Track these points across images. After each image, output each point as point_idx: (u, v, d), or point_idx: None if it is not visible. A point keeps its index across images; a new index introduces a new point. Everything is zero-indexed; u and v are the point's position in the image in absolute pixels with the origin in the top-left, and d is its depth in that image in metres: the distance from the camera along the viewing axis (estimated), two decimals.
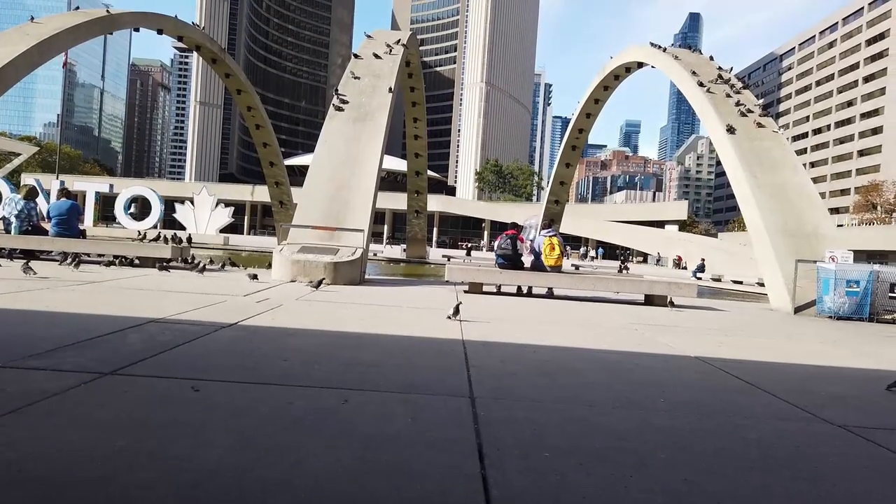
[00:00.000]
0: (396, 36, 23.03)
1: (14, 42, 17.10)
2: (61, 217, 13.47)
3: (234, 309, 7.56)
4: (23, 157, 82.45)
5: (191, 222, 48.54)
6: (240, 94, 32.33)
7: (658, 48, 22.52)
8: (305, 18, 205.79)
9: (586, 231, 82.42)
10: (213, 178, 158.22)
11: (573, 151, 33.79)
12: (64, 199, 13.93)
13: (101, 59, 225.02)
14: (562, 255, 12.76)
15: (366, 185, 15.34)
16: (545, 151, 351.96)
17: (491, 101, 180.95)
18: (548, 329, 7.84)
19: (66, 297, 7.62)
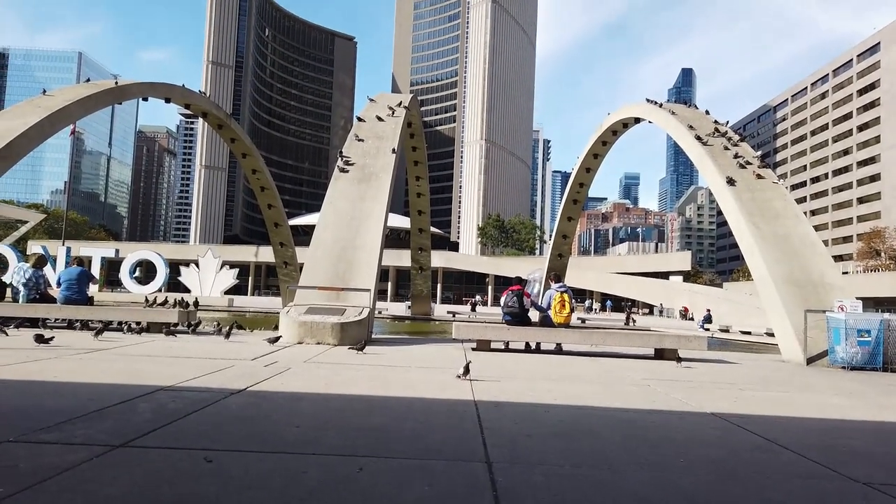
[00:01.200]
0: (398, 98, 23.61)
1: (26, 114, 17.56)
2: (71, 282, 13.59)
3: (243, 374, 7.51)
4: (29, 225, 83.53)
5: (196, 285, 48.63)
6: (245, 158, 32.88)
7: (654, 104, 23.00)
8: (308, 83, 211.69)
9: (590, 283, 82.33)
10: (217, 240, 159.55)
11: (574, 205, 34.09)
12: (75, 266, 14.07)
13: (109, 126, 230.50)
14: (572, 312, 12.72)
15: (371, 244, 15.46)
16: (546, 205, 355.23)
17: (491, 157, 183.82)
18: (559, 387, 7.74)
19: (74, 367, 7.58)
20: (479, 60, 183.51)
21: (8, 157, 16.03)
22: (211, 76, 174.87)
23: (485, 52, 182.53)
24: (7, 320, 12.10)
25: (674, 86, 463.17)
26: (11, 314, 13.06)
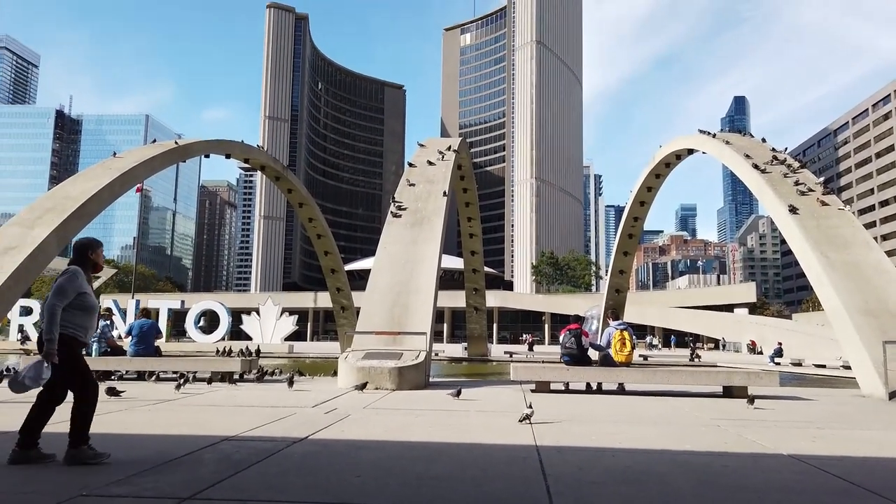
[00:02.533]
0: (447, 142, 23.99)
1: (98, 177, 18.62)
2: (140, 336, 14.17)
3: (304, 422, 7.57)
4: (101, 280, 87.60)
5: (257, 332, 49.68)
6: (301, 207, 33.83)
7: (707, 134, 22.63)
8: (360, 131, 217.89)
9: (651, 319, 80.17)
10: (277, 288, 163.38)
11: (630, 240, 33.52)
12: (144, 319, 14.65)
13: (174, 183, 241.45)
14: (633, 350, 12.39)
15: (425, 286, 15.53)
16: (600, 240, 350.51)
17: (542, 195, 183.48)
18: (624, 429, 7.49)
19: (144, 418, 7.81)
20: (525, 101, 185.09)
21: (83, 217, 16.96)
22: (268, 130, 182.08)
23: (531, 93, 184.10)
24: None
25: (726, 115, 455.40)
26: None
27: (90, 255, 5.54)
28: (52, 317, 5.07)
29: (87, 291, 5.38)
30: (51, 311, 5.08)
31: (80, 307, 5.28)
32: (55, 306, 5.09)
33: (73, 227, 16.90)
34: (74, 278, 5.27)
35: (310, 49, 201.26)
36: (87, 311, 5.34)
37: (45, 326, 5.07)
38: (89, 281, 5.49)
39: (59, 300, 5.12)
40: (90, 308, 5.37)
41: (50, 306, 5.09)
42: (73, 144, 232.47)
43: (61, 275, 5.30)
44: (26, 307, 45.44)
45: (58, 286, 5.19)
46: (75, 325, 5.24)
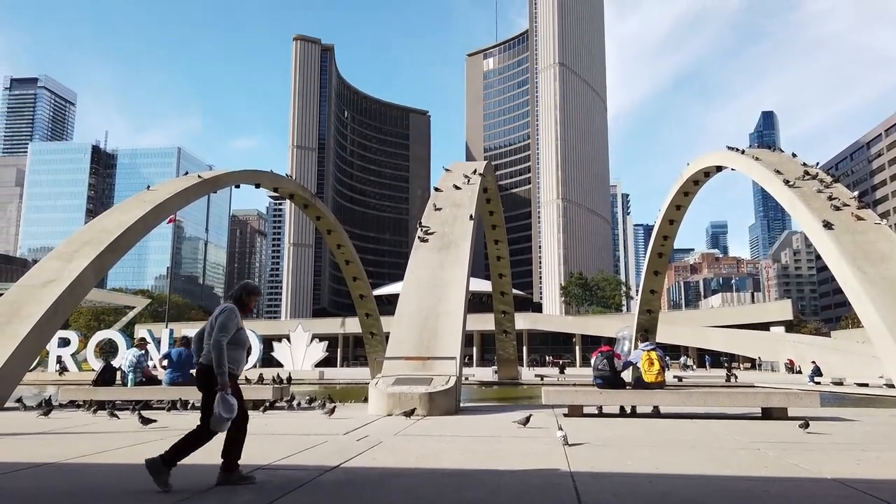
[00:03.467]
0: (473, 166, 24.11)
1: (132, 209, 19.12)
2: (176, 364, 14.50)
3: (336, 450, 7.57)
4: (136, 310, 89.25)
5: (288, 359, 50.05)
6: (330, 234, 34.19)
7: (736, 150, 22.39)
8: (386, 158, 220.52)
9: (684, 339, 78.74)
10: (307, 314, 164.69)
11: (660, 259, 33.12)
12: (182, 348, 14.99)
13: (205, 213, 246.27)
14: (663, 371, 12.14)
15: (454, 311, 15.51)
16: (630, 260, 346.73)
17: (568, 215, 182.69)
18: (660, 454, 7.34)
19: None
20: (550, 122, 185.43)
21: (118, 249, 17.38)
22: (296, 159, 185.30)
23: (555, 114, 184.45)
24: (113, 403, 12.84)
25: (754, 130, 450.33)
26: (121, 398, 13.86)
27: (244, 297, 5.90)
28: (220, 350, 5.43)
29: (242, 327, 5.78)
30: (218, 346, 5.44)
31: (235, 342, 5.64)
32: (221, 341, 5.46)
33: (109, 259, 17.34)
34: (233, 315, 5.66)
35: (336, 78, 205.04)
36: (241, 346, 5.74)
37: (215, 360, 5.43)
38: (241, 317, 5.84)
39: (223, 335, 5.49)
40: (243, 343, 5.78)
41: (216, 341, 5.46)
42: (108, 178, 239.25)
43: (220, 312, 5.67)
44: (64, 338, 46.40)
45: (221, 323, 5.54)
46: (229, 358, 5.55)
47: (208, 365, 5.48)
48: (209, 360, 5.48)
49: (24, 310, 15.21)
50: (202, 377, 5.53)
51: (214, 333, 5.50)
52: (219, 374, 5.37)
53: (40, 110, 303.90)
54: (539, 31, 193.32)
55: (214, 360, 5.42)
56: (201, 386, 5.53)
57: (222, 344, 5.43)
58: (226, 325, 5.52)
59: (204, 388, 5.50)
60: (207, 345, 5.57)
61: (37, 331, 14.92)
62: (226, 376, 5.38)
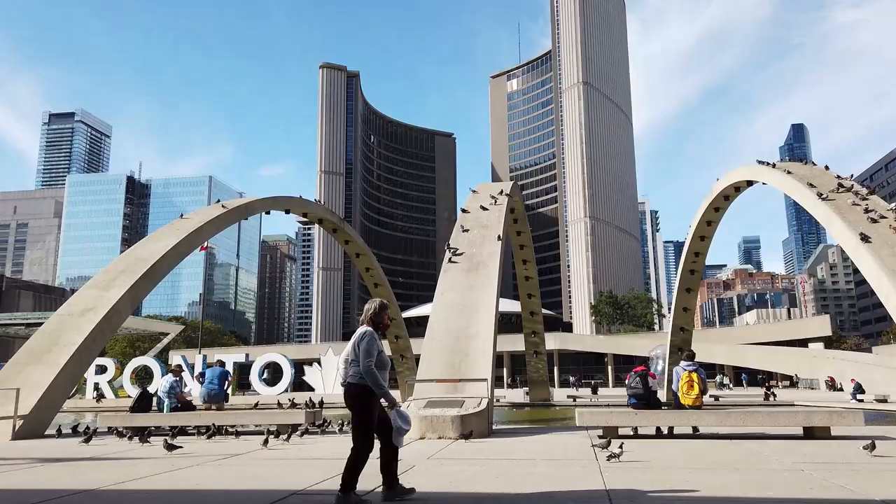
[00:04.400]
0: (499, 187, 24.14)
1: (166, 237, 19.53)
2: (213, 378, 15.23)
3: (370, 474, 7.54)
4: (170, 337, 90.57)
5: (319, 383, 50.25)
6: (358, 257, 34.46)
7: (766, 164, 22.08)
8: (412, 180, 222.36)
9: (719, 357, 77.04)
10: (337, 338, 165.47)
11: (692, 276, 32.61)
12: (218, 367, 15.66)
13: (236, 240, 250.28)
14: (702, 394, 11.89)
15: (484, 332, 15.44)
16: (661, 277, 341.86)
17: (597, 233, 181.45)
18: (700, 476, 7.17)
19: (214, 473, 7.95)
20: (575, 141, 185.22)
21: (153, 277, 17.74)
22: (324, 184, 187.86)
23: (581, 133, 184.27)
24: (146, 429, 13.00)
25: (785, 143, 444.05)
26: (158, 423, 14.04)
27: (377, 316, 6.19)
28: (373, 374, 5.76)
29: (382, 349, 6.04)
30: (370, 371, 5.76)
31: (378, 364, 5.90)
32: (370, 365, 5.78)
33: (145, 287, 17.69)
34: (374, 339, 5.97)
35: (361, 104, 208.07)
36: (383, 367, 5.99)
37: (372, 384, 5.74)
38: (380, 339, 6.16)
39: (370, 360, 5.80)
40: (385, 364, 6.02)
41: (367, 368, 5.77)
42: (142, 208, 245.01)
43: (361, 338, 5.95)
44: (101, 365, 47.20)
45: (365, 350, 5.84)
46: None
47: (357, 384, 5.79)
48: (358, 380, 5.80)
49: (63, 338, 15.57)
50: (352, 396, 5.83)
51: (361, 360, 5.81)
52: (381, 394, 5.74)
53: (77, 143, 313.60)
54: (562, 51, 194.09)
55: (371, 384, 5.74)
56: (352, 404, 5.84)
57: (372, 368, 5.75)
58: (370, 351, 5.83)
59: (355, 405, 5.80)
60: (354, 367, 5.88)
61: (76, 358, 15.24)
62: (390, 395, 5.74)
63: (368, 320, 6.14)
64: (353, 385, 5.83)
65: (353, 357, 5.93)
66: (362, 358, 5.80)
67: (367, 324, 6.12)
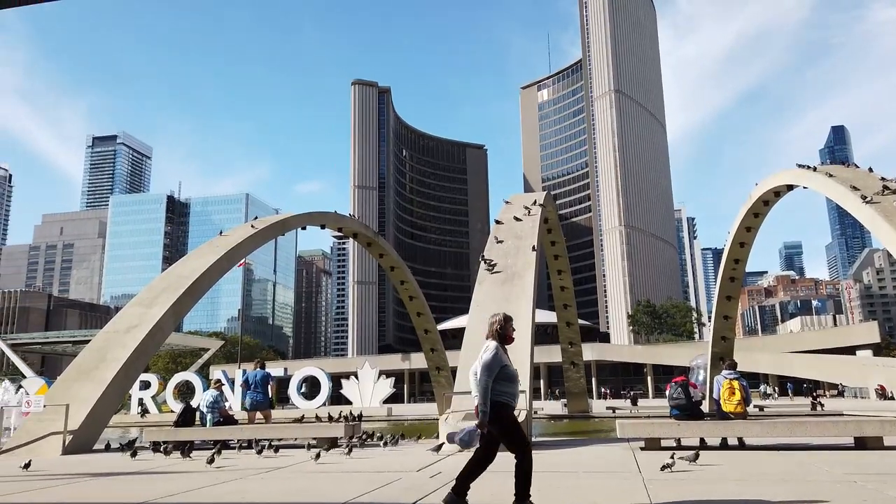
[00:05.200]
0: (532, 197, 24.06)
1: (206, 255, 19.93)
2: (257, 384, 15.68)
3: (411, 486, 7.56)
4: (211, 352, 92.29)
5: (356, 396, 50.46)
6: (393, 271, 34.62)
7: (807, 168, 21.57)
8: (445, 193, 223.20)
9: (762, 366, 75.11)
10: (373, 351, 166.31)
11: (732, 283, 31.88)
12: (259, 370, 16.07)
13: (273, 255, 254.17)
14: (744, 401, 11.61)
15: (520, 343, 15.33)
16: (699, 285, 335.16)
17: (632, 242, 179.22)
18: (748, 488, 7.00)
19: (258, 487, 8.06)
20: (608, 150, 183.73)
21: (195, 294, 18.12)
22: (357, 199, 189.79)
23: (613, 141, 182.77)
24: (189, 444, 13.23)
25: (825, 146, 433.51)
26: (201, 438, 14.29)
27: (502, 329, 6.15)
28: (485, 391, 5.71)
29: (507, 363, 5.99)
30: (484, 387, 5.73)
31: (505, 377, 5.89)
32: (487, 382, 5.74)
33: (186, 303, 18.07)
34: (497, 353, 5.91)
35: (393, 119, 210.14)
36: (511, 380, 5.98)
37: (479, 400, 5.74)
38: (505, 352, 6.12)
39: (488, 376, 5.76)
40: (513, 377, 6.01)
41: (483, 383, 5.74)
42: (182, 226, 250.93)
43: (484, 351, 5.96)
44: (145, 381, 48.24)
45: (485, 365, 5.81)
46: (503, 393, 5.84)
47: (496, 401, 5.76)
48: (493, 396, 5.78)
49: (109, 354, 15.98)
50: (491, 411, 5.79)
51: (480, 375, 5.80)
52: (482, 411, 5.68)
53: (119, 165, 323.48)
54: (593, 60, 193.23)
55: (479, 396, 5.72)
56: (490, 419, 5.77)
57: (487, 385, 5.71)
58: (490, 366, 5.78)
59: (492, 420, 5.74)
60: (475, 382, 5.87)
61: (122, 374, 15.61)
62: (486, 416, 5.65)
63: (494, 333, 6.10)
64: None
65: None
66: (480, 372, 5.79)
67: (493, 337, 6.08)
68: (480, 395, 5.71)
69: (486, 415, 5.65)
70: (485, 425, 5.68)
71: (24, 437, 14.26)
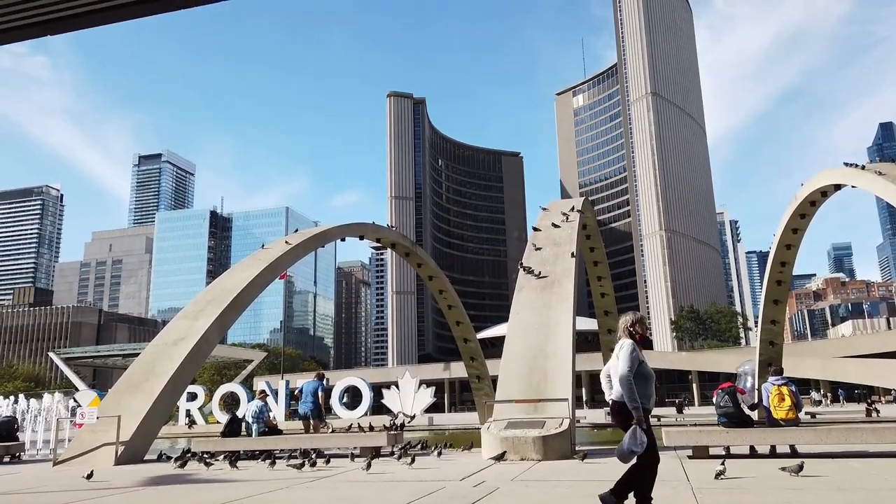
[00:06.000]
0: (570, 204, 23.88)
1: (250, 267, 20.34)
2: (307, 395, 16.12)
3: (455, 495, 7.56)
4: (254, 363, 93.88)
5: (397, 406, 50.55)
6: (431, 280, 34.72)
7: (854, 166, 20.94)
8: (481, 202, 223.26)
9: (812, 372, 72.66)
10: (412, 360, 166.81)
11: (779, 287, 31.01)
12: (313, 380, 16.57)
13: (313, 267, 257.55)
14: (795, 406, 11.27)
15: (562, 351, 15.22)
16: (744, 289, 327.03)
17: (673, 246, 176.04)
18: (803, 497, 6.79)
19: (306, 496, 8.17)
20: (646, 153, 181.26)
21: (239, 306, 18.49)
22: (394, 209, 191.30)
23: (651, 144, 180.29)
24: (239, 453, 13.46)
25: (873, 143, 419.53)
26: (248, 448, 14.55)
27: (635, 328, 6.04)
28: (630, 386, 5.56)
29: (644, 361, 5.89)
30: (627, 382, 5.57)
31: (641, 375, 5.75)
32: (628, 375, 5.59)
33: (231, 315, 18.45)
34: (633, 350, 5.78)
35: (428, 129, 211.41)
36: (647, 379, 5.83)
37: (626, 395, 5.57)
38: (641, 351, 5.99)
39: (627, 371, 5.62)
40: (649, 376, 5.87)
41: (623, 376, 5.59)
42: (225, 240, 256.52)
43: (619, 349, 5.85)
44: (192, 393, 49.09)
45: (622, 361, 5.69)
46: (639, 393, 5.67)
47: (621, 401, 5.64)
48: (620, 396, 5.64)
49: (158, 367, 16.40)
50: (619, 413, 5.71)
51: (619, 370, 5.65)
52: (633, 408, 5.49)
53: (164, 182, 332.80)
54: (628, 63, 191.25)
55: (625, 395, 5.54)
56: (619, 421, 5.73)
57: (629, 378, 5.55)
58: (630, 364, 5.64)
59: (621, 422, 5.64)
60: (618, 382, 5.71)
61: (170, 386, 16.01)
62: (640, 410, 5.49)
63: (627, 332, 5.97)
64: (617, 402, 5.71)
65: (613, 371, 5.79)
66: (620, 368, 5.64)
67: (626, 336, 5.96)
68: (626, 392, 5.51)
69: (638, 409, 5.45)
70: (643, 420, 5.47)
71: (79, 447, 14.72)
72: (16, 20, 6.12)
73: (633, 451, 5.40)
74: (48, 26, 6.21)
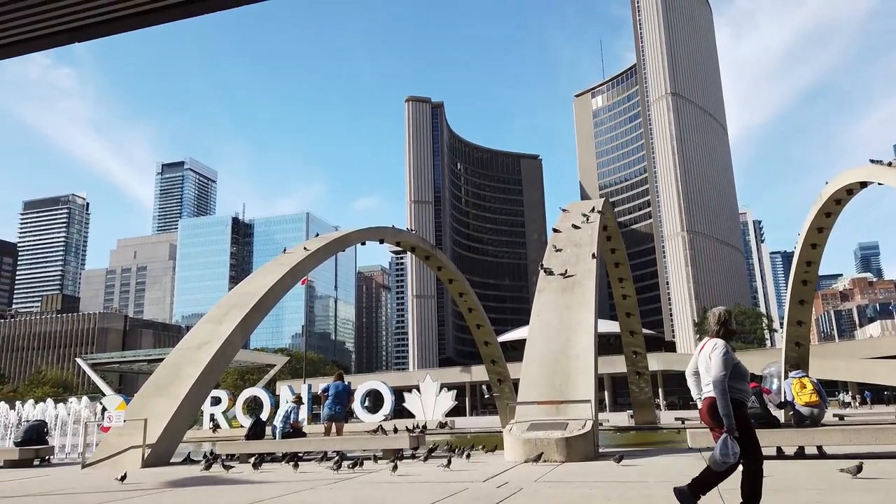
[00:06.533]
0: (590, 205, 23.78)
1: (271, 272, 20.55)
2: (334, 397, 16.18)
3: (478, 496, 7.57)
4: (277, 368, 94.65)
5: (419, 409, 50.68)
6: (451, 283, 34.74)
7: (880, 163, 20.58)
8: (500, 205, 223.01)
9: (840, 373, 71.46)
10: (433, 364, 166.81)
11: (805, 287, 30.52)
12: (339, 381, 16.64)
13: (334, 272, 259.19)
14: (816, 392, 11.15)
15: (584, 353, 15.15)
16: (769, 290, 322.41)
17: (696, 247, 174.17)
18: (832, 497, 6.70)
19: (329, 497, 8.22)
20: (667, 154, 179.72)
21: (261, 310, 18.68)
22: (414, 213, 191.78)
23: (672, 144, 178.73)
24: (262, 456, 13.62)
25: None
26: (271, 450, 14.68)
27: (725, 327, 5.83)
28: (724, 392, 5.39)
29: (737, 360, 5.73)
30: (722, 388, 5.40)
31: (737, 375, 5.62)
32: (723, 381, 5.42)
33: (254, 320, 18.64)
34: (727, 352, 5.62)
35: (447, 133, 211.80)
36: (744, 378, 5.70)
37: (719, 404, 5.39)
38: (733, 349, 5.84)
39: (723, 375, 5.46)
40: (745, 374, 5.72)
41: (719, 383, 5.41)
42: (246, 246, 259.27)
43: (713, 349, 5.67)
44: (216, 397, 49.69)
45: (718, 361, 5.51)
46: (737, 391, 5.56)
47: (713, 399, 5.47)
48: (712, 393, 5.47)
49: (183, 371, 16.63)
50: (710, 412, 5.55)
51: (714, 373, 5.46)
52: (724, 415, 5.31)
53: (187, 190, 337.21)
54: (648, 63, 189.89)
55: (719, 402, 5.37)
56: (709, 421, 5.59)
57: (724, 383, 5.38)
58: (723, 363, 5.47)
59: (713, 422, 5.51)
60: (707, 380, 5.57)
61: (195, 390, 16.21)
62: (732, 419, 5.30)
63: (720, 329, 5.75)
64: (709, 398, 5.55)
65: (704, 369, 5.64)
66: (715, 369, 5.43)
67: (717, 335, 5.74)
68: (720, 399, 5.31)
69: (730, 418, 5.26)
70: (734, 429, 5.26)
71: (106, 450, 14.96)
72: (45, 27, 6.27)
73: (724, 462, 5.23)
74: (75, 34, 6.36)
